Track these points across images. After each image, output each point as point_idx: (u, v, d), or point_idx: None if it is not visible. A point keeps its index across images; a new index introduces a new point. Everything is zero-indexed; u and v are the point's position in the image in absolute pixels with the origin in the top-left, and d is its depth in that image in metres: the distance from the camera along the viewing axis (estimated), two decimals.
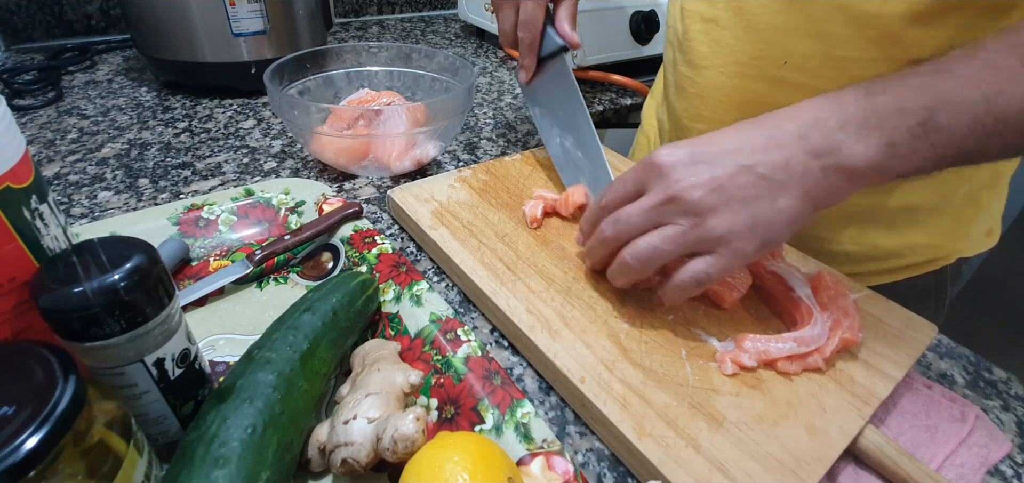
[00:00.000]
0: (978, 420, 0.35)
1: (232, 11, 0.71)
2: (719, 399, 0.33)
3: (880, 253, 0.53)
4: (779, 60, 0.48)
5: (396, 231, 0.51)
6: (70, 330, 0.23)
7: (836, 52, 0.45)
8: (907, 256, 0.53)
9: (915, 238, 0.52)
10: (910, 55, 0.42)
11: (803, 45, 0.46)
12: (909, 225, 0.52)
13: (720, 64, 0.53)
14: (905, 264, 0.54)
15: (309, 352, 0.31)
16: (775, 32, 0.47)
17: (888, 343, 0.37)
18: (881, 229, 0.52)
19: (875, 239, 0.52)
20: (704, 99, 0.56)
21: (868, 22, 0.42)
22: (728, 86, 0.53)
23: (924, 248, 0.53)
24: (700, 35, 0.54)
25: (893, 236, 0.52)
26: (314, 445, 0.29)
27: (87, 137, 0.64)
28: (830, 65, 0.45)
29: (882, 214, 0.51)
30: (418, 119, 0.56)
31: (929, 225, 0.52)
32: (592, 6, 0.89)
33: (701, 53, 0.54)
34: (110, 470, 0.22)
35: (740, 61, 0.51)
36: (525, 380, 0.37)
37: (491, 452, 0.26)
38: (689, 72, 0.56)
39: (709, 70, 0.54)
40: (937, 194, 0.50)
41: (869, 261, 0.54)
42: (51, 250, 0.25)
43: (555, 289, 0.41)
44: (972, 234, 0.54)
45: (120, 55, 0.93)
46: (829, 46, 0.45)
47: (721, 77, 0.53)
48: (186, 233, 0.45)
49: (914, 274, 0.54)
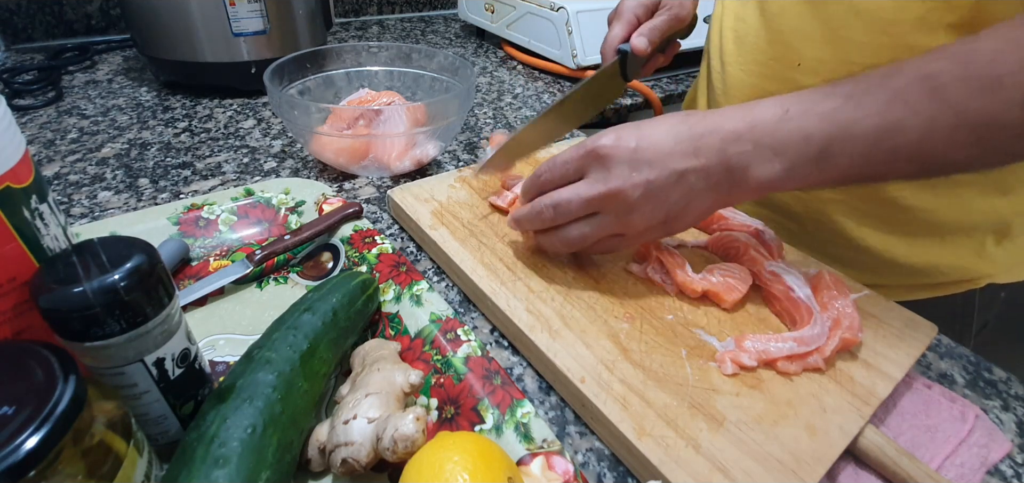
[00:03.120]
0: (978, 420, 0.35)
1: (232, 11, 0.71)
2: (719, 399, 0.33)
3: (904, 269, 0.52)
4: (793, 62, 0.49)
5: (396, 231, 0.51)
6: (70, 330, 0.23)
7: (851, 58, 0.45)
8: (933, 275, 0.53)
9: (941, 257, 0.52)
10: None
11: (818, 49, 0.47)
12: (931, 240, 0.51)
13: (742, 61, 0.54)
14: (930, 282, 0.53)
15: (309, 352, 0.31)
16: (792, 34, 0.48)
17: (888, 343, 0.37)
18: (903, 241, 0.51)
19: (896, 252, 0.52)
20: (727, 95, 0.57)
21: (884, 29, 0.43)
22: (747, 84, 0.54)
23: (951, 269, 0.52)
24: (730, 32, 0.56)
25: (916, 251, 0.51)
26: (314, 445, 0.29)
27: (87, 137, 0.64)
28: (843, 70, 0.45)
29: (899, 223, 0.51)
30: (418, 119, 0.56)
31: (953, 244, 0.51)
32: (592, 6, 0.89)
33: (729, 50, 0.56)
34: (110, 470, 0.22)
35: (759, 60, 0.52)
36: (525, 380, 0.37)
37: (491, 452, 0.26)
38: (718, 66, 0.58)
39: (733, 67, 0.55)
40: (959, 210, 0.49)
41: (891, 273, 0.53)
42: (51, 250, 0.25)
43: (555, 289, 0.41)
44: (1002, 259, 0.52)
45: (120, 55, 0.93)
46: (844, 51, 0.45)
47: (741, 74, 0.54)
48: (186, 233, 0.45)
49: (940, 294, 0.54)
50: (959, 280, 0.53)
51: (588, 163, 0.38)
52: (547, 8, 0.90)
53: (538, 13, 0.93)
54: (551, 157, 0.41)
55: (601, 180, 0.37)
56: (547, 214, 0.40)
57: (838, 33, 0.45)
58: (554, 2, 0.89)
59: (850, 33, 0.44)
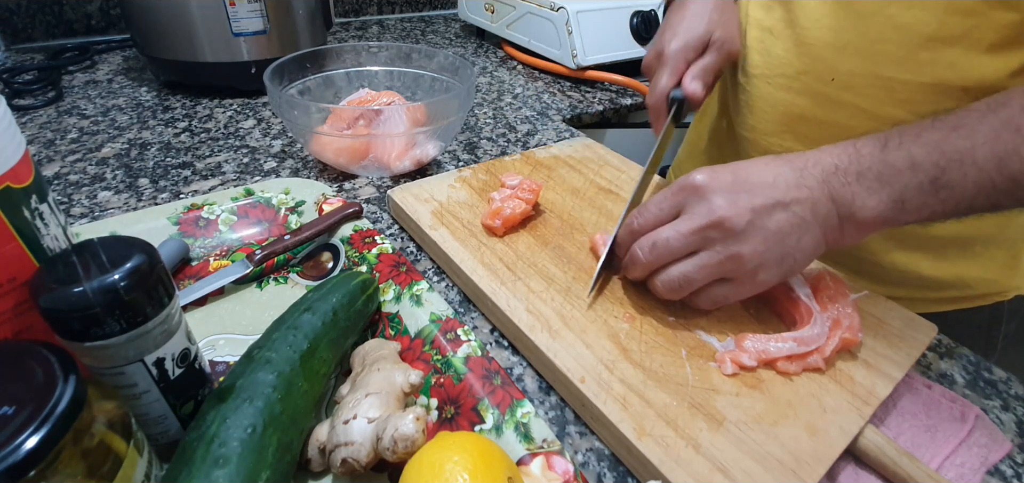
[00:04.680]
0: (978, 420, 0.35)
1: (232, 11, 0.71)
2: (719, 399, 0.33)
3: (929, 282, 0.51)
4: (826, 76, 0.47)
5: (396, 231, 0.51)
6: (70, 330, 0.23)
7: (885, 73, 0.44)
8: (961, 288, 0.52)
9: (969, 271, 0.51)
10: (963, 82, 0.42)
11: (852, 63, 0.46)
12: (962, 256, 0.50)
13: (769, 75, 0.52)
14: (959, 296, 0.52)
15: (309, 352, 0.31)
16: (825, 48, 0.47)
17: (888, 343, 0.37)
18: (929, 258, 0.51)
19: (922, 267, 0.51)
20: (752, 109, 0.55)
21: (923, 45, 0.42)
22: (774, 97, 0.52)
23: (979, 282, 0.52)
24: (755, 43, 0.53)
25: (943, 265, 0.51)
26: (314, 445, 0.29)
27: (87, 137, 0.64)
28: (877, 85, 0.45)
29: (929, 243, 0.50)
30: (418, 119, 0.56)
31: (985, 258, 0.51)
32: (592, 6, 0.89)
33: (754, 61, 0.53)
34: (110, 470, 0.22)
35: (788, 74, 0.50)
36: (525, 380, 0.37)
37: (491, 452, 0.26)
38: (742, 79, 0.56)
39: (758, 80, 0.53)
40: (995, 225, 0.49)
41: (916, 287, 0.52)
42: (51, 250, 0.25)
43: (555, 289, 0.41)
44: None
45: (120, 55, 0.93)
46: (878, 66, 0.44)
47: (768, 88, 0.52)
48: (186, 233, 0.45)
49: (967, 306, 0.53)
50: (987, 293, 0.53)
51: (684, 198, 0.36)
52: (547, 8, 0.90)
53: (538, 13, 0.93)
54: (640, 205, 0.39)
55: (702, 212, 0.35)
56: (644, 258, 0.37)
57: (875, 48, 0.44)
58: (554, 2, 0.89)
59: (887, 48, 0.43)
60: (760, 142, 0.55)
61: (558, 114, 0.80)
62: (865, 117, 0.47)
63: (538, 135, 0.72)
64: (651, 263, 0.37)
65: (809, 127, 0.50)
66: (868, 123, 0.47)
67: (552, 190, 0.54)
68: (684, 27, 0.50)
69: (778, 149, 0.54)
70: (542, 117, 0.78)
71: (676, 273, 0.36)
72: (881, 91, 0.45)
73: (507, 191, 0.48)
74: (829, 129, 0.49)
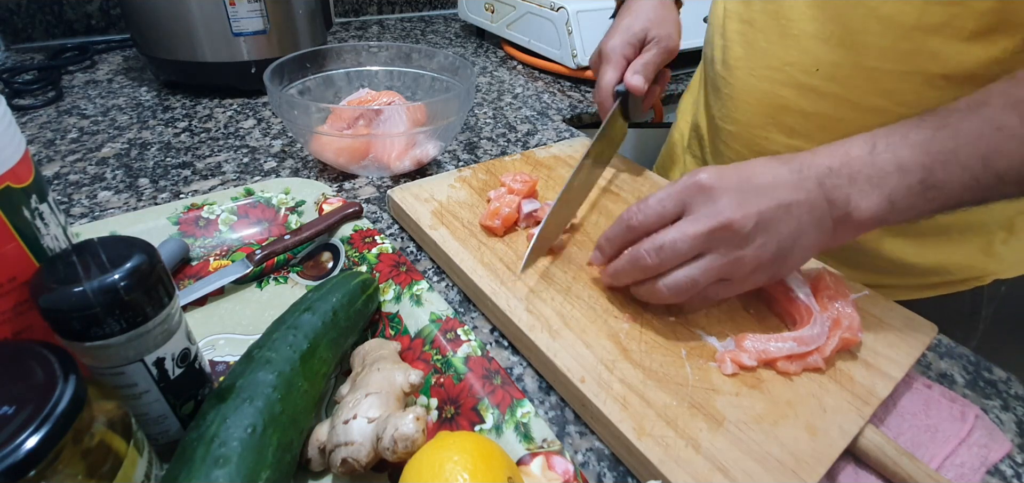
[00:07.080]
0: (978, 420, 0.35)
1: (232, 11, 0.71)
2: (719, 399, 0.33)
3: (912, 269, 0.52)
4: (810, 67, 0.48)
5: (396, 231, 0.51)
6: (70, 330, 0.23)
7: (868, 63, 0.45)
8: (941, 274, 0.53)
9: (950, 256, 0.52)
10: (945, 70, 0.42)
11: (835, 54, 0.46)
12: (940, 242, 0.51)
13: (752, 66, 0.53)
14: (940, 281, 0.53)
15: (309, 352, 0.31)
16: (809, 39, 0.47)
17: (888, 343, 0.37)
18: (913, 244, 0.51)
19: (907, 254, 0.52)
20: (735, 101, 0.55)
21: (905, 34, 0.42)
22: (758, 89, 0.52)
23: (958, 267, 0.52)
24: (736, 36, 0.54)
25: (925, 251, 0.51)
26: (314, 445, 0.29)
27: (87, 137, 0.64)
28: (861, 75, 0.45)
29: (909, 229, 0.51)
30: (418, 119, 0.56)
31: (961, 243, 0.51)
32: (592, 6, 0.89)
33: (736, 54, 0.54)
34: (110, 470, 0.22)
35: (772, 65, 0.51)
36: (525, 380, 0.37)
37: (491, 452, 0.26)
38: (724, 72, 0.56)
39: (741, 71, 0.54)
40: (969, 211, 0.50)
41: (899, 275, 0.53)
42: (51, 250, 0.25)
43: (555, 289, 0.41)
44: (1007, 256, 0.53)
45: (120, 55, 0.93)
46: (862, 56, 0.45)
47: (752, 79, 0.53)
48: (186, 233, 0.45)
49: (947, 292, 0.54)
50: (966, 278, 0.53)
51: (690, 197, 0.35)
52: (547, 8, 0.90)
53: (538, 13, 0.93)
54: (638, 200, 0.38)
55: (710, 214, 0.34)
56: (649, 260, 0.36)
57: (857, 38, 0.44)
58: (554, 2, 0.89)
59: (869, 38, 0.44)
60: (744, 134, 0.55)
61: (558, 114, 0.80)
62: (849, 107, 0.47)
63: (538, 135, 0.72)
64: (657, 266, 0.36)
65: (793, 118, 0.51)
66: (852, 113, 0.47)
67: (552, 190, 0.54)
68: (623, 26, 0.54)
69: (762, 141, 0.54)
70: (542, 117, 0.78)
71: (683, 277, 0.35)
72: (864, 81, 0.45)
73: (503, 190, 0.49)
74: (813, 120, 0.49)
